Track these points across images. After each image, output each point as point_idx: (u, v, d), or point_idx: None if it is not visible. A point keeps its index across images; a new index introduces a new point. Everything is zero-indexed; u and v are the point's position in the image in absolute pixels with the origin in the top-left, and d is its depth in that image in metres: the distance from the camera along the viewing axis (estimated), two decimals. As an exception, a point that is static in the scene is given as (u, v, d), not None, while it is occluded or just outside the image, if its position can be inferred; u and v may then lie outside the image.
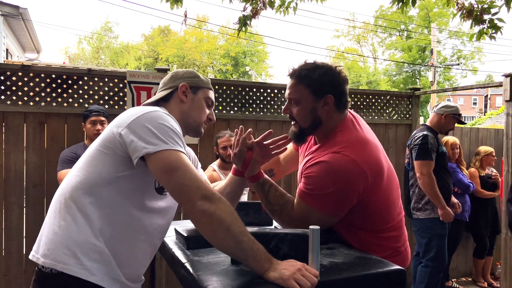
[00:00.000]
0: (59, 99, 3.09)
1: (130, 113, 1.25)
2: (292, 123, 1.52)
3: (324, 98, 1.43)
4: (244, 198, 3.04)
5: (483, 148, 4.49)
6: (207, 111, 1.48)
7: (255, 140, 1.50)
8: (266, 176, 1.50)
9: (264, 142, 1.50)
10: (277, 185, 1.50)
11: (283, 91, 3.85)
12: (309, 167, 1.43)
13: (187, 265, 1.25)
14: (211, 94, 1.50)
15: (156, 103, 1.45)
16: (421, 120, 4.29)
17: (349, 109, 1.55)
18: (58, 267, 1.17)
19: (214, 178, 2.90)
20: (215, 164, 3.12)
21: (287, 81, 1.53)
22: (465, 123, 3.47)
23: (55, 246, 1.20)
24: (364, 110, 4.20)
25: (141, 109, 1.26)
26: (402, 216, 1.57)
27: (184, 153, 1.21)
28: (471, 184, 4.05)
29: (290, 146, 1.86)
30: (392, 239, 1.49)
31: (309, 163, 1.44)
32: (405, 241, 1.56)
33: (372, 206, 1.42)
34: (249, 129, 1.52)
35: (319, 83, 1.43)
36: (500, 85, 3.73)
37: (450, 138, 4.09)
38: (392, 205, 1.49)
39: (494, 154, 4.43)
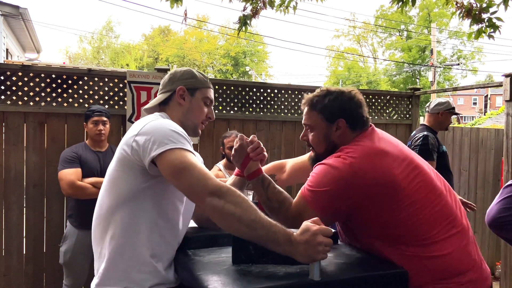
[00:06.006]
0: (59, 99, 3.09)
1: (138, 124, 1.33)
2: (310, 148, 1.56)
3: (336, 122, 1.47)
4: (249, 198, 3.05)
5: None
6: (206, 111, 1.50)
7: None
8: (265, 174, 1.52)
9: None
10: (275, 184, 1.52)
11: (283, 91, 3.86)
12: (314, 168, 1.45)
13: (188, 265, 1.25)
14: (210, 93, 1.51)
15: (157, 106, 1.49)
16: (421, 120, 4.30)
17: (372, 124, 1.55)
18: None
19: (219, 177, 2.91)
20: (220, 164, 3.14)
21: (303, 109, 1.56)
22: (460, 114, 3.48)
23: None
24: (364, 110, 4.20)
25: (148, 118, 1.34)
26: (457, 233, 1.33)
27: (190, 151, 1.28)
28: None
29: (306, 157, 1.85)
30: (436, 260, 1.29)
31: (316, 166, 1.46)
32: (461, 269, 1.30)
33: (393, 218, 1.31)
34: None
35: (330, 108, 1.47)
36: (500, 85, 3.73)
37: None
38: (430, 218, 1.31)
39: None
